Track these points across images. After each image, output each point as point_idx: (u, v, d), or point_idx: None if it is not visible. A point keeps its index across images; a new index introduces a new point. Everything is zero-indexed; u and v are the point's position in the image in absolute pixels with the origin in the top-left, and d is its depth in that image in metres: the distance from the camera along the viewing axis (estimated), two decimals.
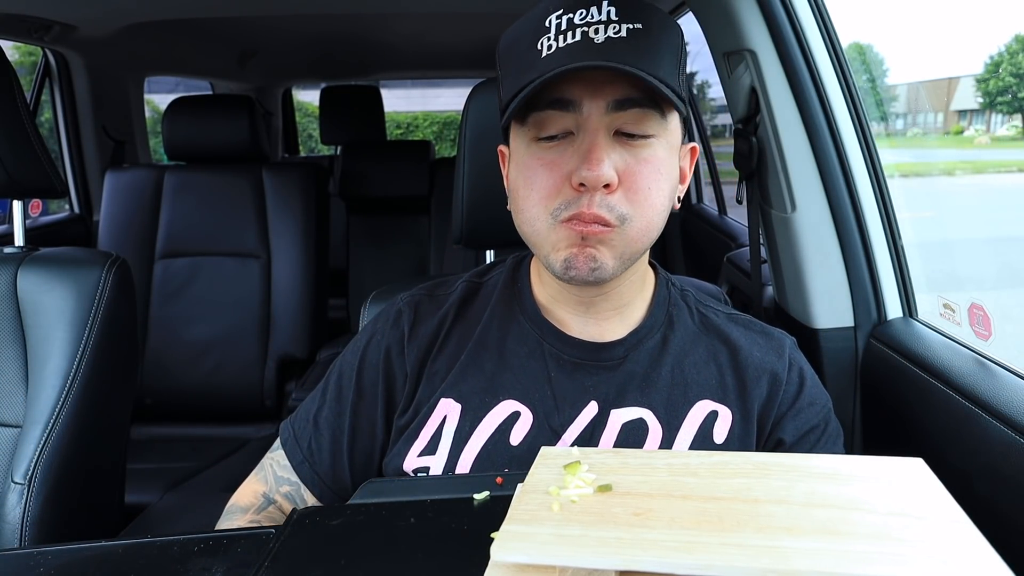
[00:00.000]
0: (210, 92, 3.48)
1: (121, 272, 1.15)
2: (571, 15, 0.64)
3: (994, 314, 0.84)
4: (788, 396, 0.75)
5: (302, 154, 4.74)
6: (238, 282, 2.09)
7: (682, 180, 0.73)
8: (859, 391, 1.06)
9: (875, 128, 1.09)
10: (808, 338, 1.09)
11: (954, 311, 0.90)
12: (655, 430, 0.72)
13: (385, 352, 0.78)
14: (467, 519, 0.57)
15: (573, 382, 0.73)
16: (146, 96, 2.71)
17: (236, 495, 0.82)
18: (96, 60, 2.34)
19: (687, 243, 2.48)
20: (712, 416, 0.73)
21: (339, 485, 0.78)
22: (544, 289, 0.77)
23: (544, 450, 0.54)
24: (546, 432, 0.72)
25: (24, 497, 1.02)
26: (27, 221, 1.29)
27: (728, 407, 0.74)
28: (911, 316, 1.07)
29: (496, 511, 0.53)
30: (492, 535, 0.43)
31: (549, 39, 0.64)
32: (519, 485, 0.49)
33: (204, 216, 2.10)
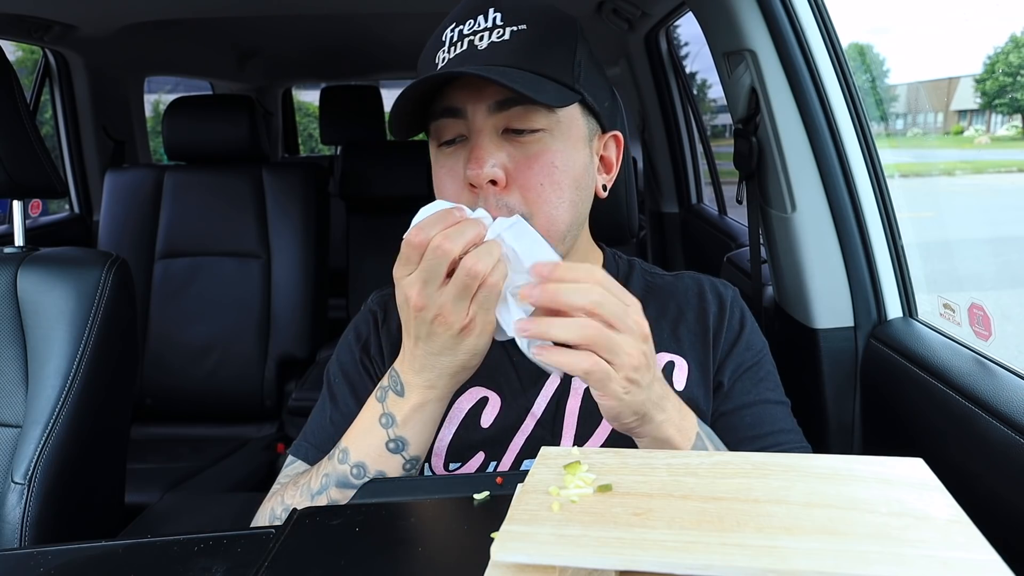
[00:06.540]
0: (210, 92, 3.48)
1: (121, 272, 1.15)
2: (462, 26, 0.69)
3: (994, 314, 0.84)
4: (727, 342, 0.79)
5: (302, 154, 4.75)
6: (238, 282, 2.08)
7: (607, 169, 0.76)
8: (859, 391, 1.06)
9: (875, 128, 1.09)
10: (808, 338, 1.09)
11: (954, 311, 0.90)
12: None
13: (362, 348, 0.82)
14: (467, 519, 0.57)
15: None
16: (152, 96, 2.71)
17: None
18: (96, 60, 2.34)
19: (687, 243, 2.48)
20: (669, 366, 0.77)
21: None
22: None
23: (544, 450, 0.54)
24: (515, 410, 0.74)
25: (24, 497, 1.02)
26: (27, 221, 1.28)
27: (683, 357, 0.78)
28: (911, 316, 1.07)
29: (496, 511, 0.53)
30: (492, 535, 0.43)
31: (443, 52, 0.70)
32: (519, 485, 0.49)
33: (204, 216, 2.09)
